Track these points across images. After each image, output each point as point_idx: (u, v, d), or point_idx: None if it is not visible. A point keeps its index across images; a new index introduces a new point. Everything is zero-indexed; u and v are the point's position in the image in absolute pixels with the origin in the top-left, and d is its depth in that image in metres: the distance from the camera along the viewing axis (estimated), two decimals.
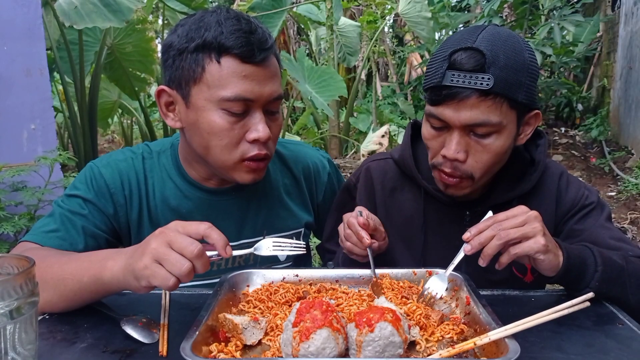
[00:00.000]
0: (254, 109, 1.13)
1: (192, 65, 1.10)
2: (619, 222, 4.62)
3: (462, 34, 1.13)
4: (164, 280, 0.85)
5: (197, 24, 1.11)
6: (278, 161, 1.41)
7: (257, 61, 1.10)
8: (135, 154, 1.31)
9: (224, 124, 1.12)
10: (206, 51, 1.09)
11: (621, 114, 7.22)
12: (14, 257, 0.76)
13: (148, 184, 1.28)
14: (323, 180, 1.46)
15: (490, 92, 1.06)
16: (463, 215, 1.27)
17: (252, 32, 1.10)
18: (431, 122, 1.16)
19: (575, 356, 0.87)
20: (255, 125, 1.13)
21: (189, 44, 1.10)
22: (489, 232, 0.97)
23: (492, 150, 1.12)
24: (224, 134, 1.13)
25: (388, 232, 1.34)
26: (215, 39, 1.08)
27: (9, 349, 0.69)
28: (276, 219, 1.36)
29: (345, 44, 7.12)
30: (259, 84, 1.11)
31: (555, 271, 1.02)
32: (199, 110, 1.13)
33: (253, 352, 0.89)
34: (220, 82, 1.09)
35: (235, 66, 1.09)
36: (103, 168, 1.26)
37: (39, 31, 2.76)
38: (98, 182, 1.24)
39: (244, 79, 1.09)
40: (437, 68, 1.11)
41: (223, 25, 1.09)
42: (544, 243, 0.96)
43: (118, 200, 1.25)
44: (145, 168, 1.29)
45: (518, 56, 1.08)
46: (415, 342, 0.91)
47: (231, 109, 1.11)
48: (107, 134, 8.87)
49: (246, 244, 1.32)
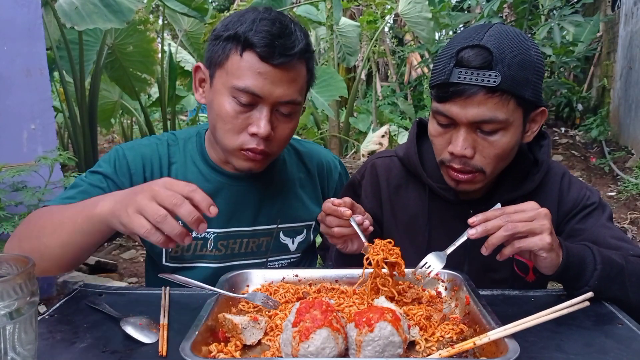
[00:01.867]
0: (262, 104, 1.18)
1: (221, 52, 1.19)
2: (619, 222, 4.62)
3: (469, 31, 1.14)
4: (140, 227, 0.89)
5: (238, 17, 1.20)
6: (294, 156, 1.48)
7: (275, 63, 1.15)
8: (161, 140, 1.38)
9: (230, 111, 1.19)
10: (234, 42, 1.17)
11: (621, 114, 7.22)
12: (14, 257, 0.76)
13: (171, 169, 1.34)
14: (334, 178, 1.52)
15: (497, 89, 1.06)
16: (467, 213, 1.27)
17: (280, 37, 1.15)
18: (438, 119, 1.16)
19: (574, 356, 0.87)
20: (258, 120, 1.18)
21: (224, 33, 1.19)
22: (496, 221, 0.97)
23: (499, 146, 1.12)
24: (228, 120, 1.20)
25: (393, 228, 1.34)
26: (244, 34, 1.15)
27: (8, 349, 0.69)
28: (290, 209, 1.41)
29: (345, 44, 7.11)
30: (272, 83, 1.16)
31: (554, 270, 1.02)
32: (216, 92, 1.22)
33: (253, 352, 0.89)
34: (237, 72, 1.17)
35: (253, 62, 1.15)
36: (127, 150, 1.33)
37: (39, 31, 2.76)
38: (120, 162, 1.30)
39: (258, 75, 1.15)
40: (444, 65, 1.11)
41: (256, 24, 1.16)
42: (549, 241, 0.96)
43: (137, 181, 1.29)
44: (169, 154, 1.35)
45: (525, 54, 1.09)
46: (415, 342, 0.91)
47: (239, 98, 1.17)
48: (107, 134, 8.87)
49: (260, 230, 1.38)
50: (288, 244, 1.42)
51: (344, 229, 1.11)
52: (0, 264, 0.76)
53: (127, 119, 7.40)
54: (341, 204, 1.11)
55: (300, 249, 1.44)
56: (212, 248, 1.34)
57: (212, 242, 1.34)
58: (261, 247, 1.39)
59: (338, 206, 1.10)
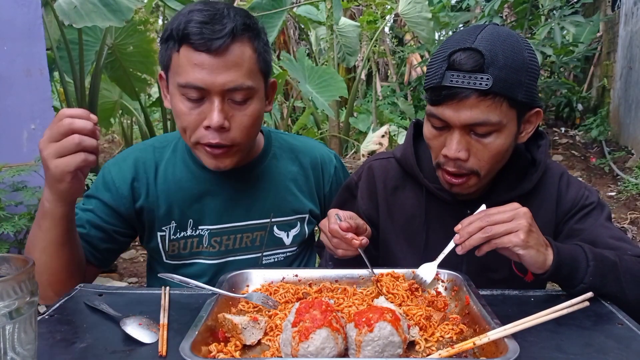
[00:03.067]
0: (210, 96, 1.17)
1: (165, 54, 1.20)
2: (619, 222, 4.62)
3: (462, 33, 1.14)
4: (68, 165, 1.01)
5: (175, 15, 1.19)
6: (287, 149, 1.47)
7: (210, 50, 1.13)
8: (146, 145, 1.41)
9: (183, 109, 1.19)
10: (172, 41, 1.17)
11: (621, 114, 7.22)
12: (14, 257, 0.76)
13: (159, 170, 1.36)
14: (330, 172, 1.52)
15: (490, 92, 1.06)
16: (464, 213, 1.27)
17: (209, 22, 1.13)
18: (432, 121, 1.16)
19: (574, 356, 0.87)
20: (209, 113, 1.17)
21: (164, 34, 1.19)
22: (478, 222, 1.02)
23: (493, 148, 1.13)
24: (184, 118, 1.20)
25: (390, 230, 1.34)
26: (177, 29, 1.15)
27: (8, 349, 0.69)
28: (283, 202, 1.42)
29: (344, 44, 7.11)
30: (211, 72, 1.14)
31: (542, 268, 1.04)
32: (171, 95, 1.23)
33: (252, 352, 0.89)
34: (179, 70, 1.17)
35: (189, 55, 1.14)
36: (112, 166, 1.36)
37: (39, 31, 2.76)
38: (105, 179, 1.34)
39: (194, 67, 1.14)
40: (436, 68, 1.11)
41: (186, 17, 1.15)
42: (522, 238, 0.99)
43: (122, 193, 1.32)
44: (155, 157, 1.37)
45: (517, 55, 1.09)
46: (415, 342, 0.91)
47: (187, 94, 1.17)
48: (107, 134, 8.87)
49: (253, 225, 1.39)
50: (283, 237, 1.42)
51: (349, 253, 1.14)
52: (0, 264, 0.76)
53: (127, 119, 7.40)
54: (349, 228, 1.12)
55: (296, 242, 1.45)
56: (207, 245, 1.36)
57: (206, 239, 1.36)
58: (255, 242, 1.40)
59: (346, 231, 1.12)
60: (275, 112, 6.37)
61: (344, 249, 1.14)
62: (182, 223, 1.35)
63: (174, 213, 1.35)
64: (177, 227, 1.35)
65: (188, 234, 1.36)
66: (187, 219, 1.35)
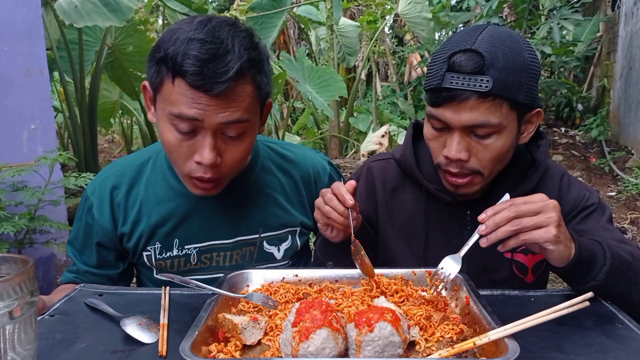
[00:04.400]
0: (204, 130, 1.09)
1: (155, 76, 1.10)
2: (619, 222, 4.62)
3: (462, 34, 1.13)
4: None
5: (170, 34, 1.08)
6: (276, 160, 1.41)
7: (209, 91, 1.04)
8: (124, 165, 1.34)
9: (173, 140, 1.11)
10: (165, 67, 1.07)
11: (621, 114, 7.22)
12: (14, 257, 0.76)
13: (138, 191, 1.31)
14: (324, 182, 1.45)
15: (489, 93, 1.06)
16: (464, 214, 1.28)
17: (211, 61, 1.03)
18: (432, 123, 1.16)
19: (574, 356, 0.87)
20: (201, 149, 1.10)
21: (156, 54, 1.09)
22: (505, 212, 0.96)
23: (494, 149, 1.13)
24: (172, 149, 1.13)
25: (389, 231, 1.34)
26: (173, 58, 1.04)
27: (8, 349, 0.69)
28: (271, 216, 1.36)
29: (344, 44, 7.11)
30: (210, 111, 1.06)
31: (565, 262, 1.01)
32: (158, 118, 1.15)
33: (252, 352, 0.89)
34: (171, 99, 1.07)
35: (184, 89, 1.05)
36: (92, 196, 1.32)
37: (39, 31, 2.76)
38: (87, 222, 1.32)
39: (191, 101, 1.05)
40: (437, 70, 1.11)
41: (184, 46, 1.04)
42: (554, 233, 0.95)
43: (103, 224, 1.30)
44: (133, 178, 1.32)
45: (518, 57, 1.09)
46: (415, 342, 0.91)
47: (178, 125, 1.09)
48: (107, 134, 8.87)
49: (242, 241, 1.34)
50: (273, 252, 1.37)
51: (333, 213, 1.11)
52: (0, 264, 0.76)
53: (127, 119, 7.40)
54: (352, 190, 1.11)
55: (287, 256, 1.40)
56: (196, 261, 1.32)
57: (194, 257, 1.31)
58: (245, 258, 1.35)
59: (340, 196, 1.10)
60: (275, 112, 6.37)
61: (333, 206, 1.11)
62: (167, 243, 1.30)
63: (157, 234, 1.30)
64: (162, 247, 1.30)
65: (174, 254, 1.31)
66: (173, 239, 1.30)
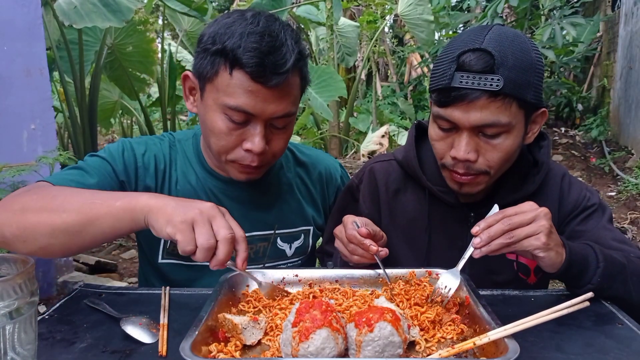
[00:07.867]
0: (255, 121, 1.16)
1: (210, 67, 1.14)
2: (619, 222, 4.62)
3: (469, 34, 1.13)
4: (185, 244, 0.92)
5: (225, 28, 1.13)
6: (293, 161, 1.46)
7: (267, 82, 1.10)
8: (163, 140, 1.36)
9: (224, 128, 1.16)
10: (222, 58, 1.12)
11: (621, 114, 7.22)
12: (14, 257, 0.76)
13: (173, 170, 1.33)
14: (336, 182, 1.51)
15: (500, 93, 1.05)
16: (467, 216, 1.27)
17: (270, 53, 1.10)
18: (439, 123, 1.15)
19: (574, 356, 0.87)
20: (252, 137, 1.16)
21: (212, 46, 1.13)
22: (499, 226, 0.96)
23: (503, 149, 1.12)
24: (222, 137, 1.18)
25: (392, 233, 1.33)
26: (232, 51, 1.10)
27: (8, 349, 0.69)
28: (288, 214, 1.40)
29: (344, 44, 7.12)
30: (264, 101, 1.13)
31: (557, 268, 1.02)
32: (207, 107, 1.18)
33: (252, 352, 0.89)
34: (227, 90, 1.13)
35: (244, 80, 1.11)
36: (136, 144, 1.31)
37: (39, 31, 2.76)
38: (128, 154, 1.28)
39: (249, 93, 1.12)
40: (445, 70, 1.10)
41: (244, 39, 1.10)
42: (544, 241, 0.96)
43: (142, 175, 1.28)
44: (171, 155, 1.34)
45: (526, 56, 1.08)
46: (415, 342, 0.91)
47: (232, 116, 1.15)
48: (107, 134, 8.87)
49: (257, 236, 1.36)
50: (285, 249, 1.41)
51: (364, 260, 1.12)
52: (0, 264, 0.76)
53: (127, 119, 7.41)
54: (368, 235, 1.10)
55: (298, 254, 1.43)
56: None
57: None
58: (258, 253, 1.37)
59: (365, 237, 1.10)
60: None
61: (360, 255, 1.12)
62: None
63: None
64: None
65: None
66: None
